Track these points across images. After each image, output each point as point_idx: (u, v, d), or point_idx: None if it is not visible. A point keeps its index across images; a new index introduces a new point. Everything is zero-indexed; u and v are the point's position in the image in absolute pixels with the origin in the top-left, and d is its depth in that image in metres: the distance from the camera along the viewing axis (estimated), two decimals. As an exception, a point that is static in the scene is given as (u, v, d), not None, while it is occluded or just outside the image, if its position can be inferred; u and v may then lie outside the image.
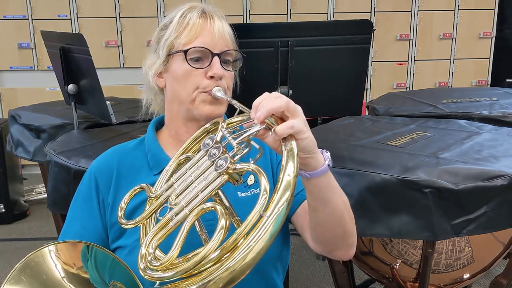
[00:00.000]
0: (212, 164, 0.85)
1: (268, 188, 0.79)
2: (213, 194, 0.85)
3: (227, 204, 0.86)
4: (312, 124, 2.37)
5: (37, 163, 2.54)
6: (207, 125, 1.01)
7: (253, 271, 0.77)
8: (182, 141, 1.05)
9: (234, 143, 0.85)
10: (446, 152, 1.55)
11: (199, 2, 1.12)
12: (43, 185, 3.66)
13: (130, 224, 0.92)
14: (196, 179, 0.86)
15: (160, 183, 0.95)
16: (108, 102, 2.08)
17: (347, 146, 1.67)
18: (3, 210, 3.62)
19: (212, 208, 0.82)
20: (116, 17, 4.48)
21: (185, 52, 1.04)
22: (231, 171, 0.83)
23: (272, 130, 0.83)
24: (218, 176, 0.84)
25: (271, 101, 0.83)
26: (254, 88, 1.25)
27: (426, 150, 1.58)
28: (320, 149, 0.90)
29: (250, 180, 1.07)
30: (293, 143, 0.82)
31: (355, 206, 1.39)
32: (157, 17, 4.46)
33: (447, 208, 1.33)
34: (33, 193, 4.04)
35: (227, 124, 0.92)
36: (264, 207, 0.78)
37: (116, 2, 4.45)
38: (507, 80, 4.47)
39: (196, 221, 0.85)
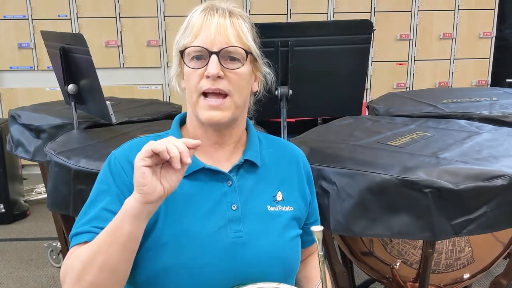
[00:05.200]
0: None
1: None
2: None
3: None
4: (312, 124, 2.37)
5: (37, 163, 2.54)
6: None
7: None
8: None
9: None
10: (446, 152, 1.55)
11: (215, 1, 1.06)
12: (43, 185, 3.65)
13: None
14: None
15: None
16: (108, 102, 2.07)
17: (347, 146, 1.67)
18: (3, 210, 3.62)
19: None
20: (116, 17, 4.47)
21: (181, 53, 1.02)
22: None
23: None
24: None
25: None
26: (254, 88, 1.23)
27: (426, 150, 1.58)
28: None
29: (279, 196, 1.10)
30: None
31: (355, 206, 1.40)
32: (157, 17, 4.45)
33: (447, 208, 1.33)
34: (33, 193, 4.03)
35: None
36: None
37: (116, 2, 4.44)
38: (507, 80, 4.47)
39: None
